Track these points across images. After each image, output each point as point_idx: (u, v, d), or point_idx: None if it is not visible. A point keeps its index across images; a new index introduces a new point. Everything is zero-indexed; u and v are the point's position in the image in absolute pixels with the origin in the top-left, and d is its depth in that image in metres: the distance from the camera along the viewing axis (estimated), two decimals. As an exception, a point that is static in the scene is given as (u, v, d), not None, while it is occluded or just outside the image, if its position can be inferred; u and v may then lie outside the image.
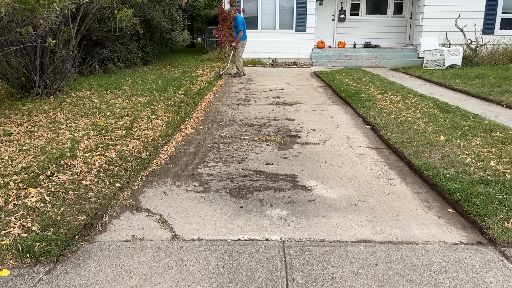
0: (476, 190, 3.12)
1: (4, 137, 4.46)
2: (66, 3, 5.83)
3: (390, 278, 2.22)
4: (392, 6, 14.95)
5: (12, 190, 3.05)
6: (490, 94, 7.17)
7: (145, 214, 3.02)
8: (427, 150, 4.13)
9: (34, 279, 2.22)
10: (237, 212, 3.05)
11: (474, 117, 5.47)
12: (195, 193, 3.42)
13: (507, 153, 3.92)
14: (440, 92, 7.92)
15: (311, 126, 5.65)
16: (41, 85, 6.69)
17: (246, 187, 3.54)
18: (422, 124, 5.14)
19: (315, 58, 13.74)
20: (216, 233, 2.73)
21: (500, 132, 4.63)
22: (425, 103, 6.41)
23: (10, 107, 6.03)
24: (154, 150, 4.39)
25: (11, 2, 4.61)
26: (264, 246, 2.55)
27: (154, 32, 13.28)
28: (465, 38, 11.74)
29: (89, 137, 4.48)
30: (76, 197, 3.08)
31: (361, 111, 6.25)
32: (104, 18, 9.66)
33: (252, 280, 2.20)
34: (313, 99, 7.72)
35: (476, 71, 9.80)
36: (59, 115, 5.56)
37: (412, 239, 2.65)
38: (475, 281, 2.19)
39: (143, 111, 5.92)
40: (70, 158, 3.74)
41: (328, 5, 14.92)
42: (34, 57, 6.52)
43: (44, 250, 2.41)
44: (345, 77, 9.81)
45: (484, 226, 2.71)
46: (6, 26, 5.74)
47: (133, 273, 2.28)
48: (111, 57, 10.52)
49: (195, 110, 6.79)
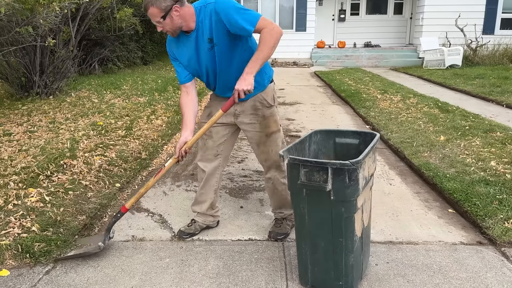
0: (476, 190, 3.12)
1: (3, 137, 4.46)
2: (66, 3, 5.83)
3: (390, 278, 2.22)
4: (392, 6, 14.94)
5: (12, 190, 3.04)
6: (490, 94, 7.17)
7: (145, 214, 3.02)
8: (427, 150, 4.13)
9: (34, 279, 2.21)
10: (237, 212, 3.05)
11: (474, 117, 5.46)
12: (195, 193, 3.41)
13: (507, 153, 3.92)
14: (440, 92, 7.92)
15: (311, 126, 5.65)
16: (41, 85, 6.69)
17: (246, 187, 3.53)
18: (422, 124, 5.14)
19: (315, 58, 13.73)
20: (216, 233, 2.73)
21: (500, 132, 4.63)
22: (425, 103, 6.41)
23: (9, 107, 6.03)
24: (154, 150, 4.39)
25: (10, 2, 4.60)
26: (264, 246, 2.55)
27: (154, 32, 13.26)
28: (465, 38, 11.73)
29: (89, 137, 4.48)
30: (75, 197, 3.08)
31: (361, 111, 6.25)
32: (104, 18, 9.66)
33: (252, 280, 2.20)
34: (313, 99, 7.72)
35: (476, 71, 9.80)
36: (59, 115, 5.56)
37: (412, 239, 2.64)
38: (475, 281, 2.19)
39: (143, 111, 5.92)
40: (70, 158, 3.74)
41: (328, 5, 14.91)
42: (33, 57, 6.52)
43: (44, 250, 2.40)
44: (345, 77, 9.81)
45: (484, 226, 2.70)
46: (6, 26, 5.74)
47: (133, 273, 2.28)
48: (111, 57, 10.52)
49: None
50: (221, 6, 2.13)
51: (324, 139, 2.39)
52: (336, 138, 2.39)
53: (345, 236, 1.94)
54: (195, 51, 2.28)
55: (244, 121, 2.48)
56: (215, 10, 2.14)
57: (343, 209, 1.89)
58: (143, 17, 11.53)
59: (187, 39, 2.27)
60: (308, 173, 1.89)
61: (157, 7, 2.11)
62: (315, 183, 1.89)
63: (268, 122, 2.48)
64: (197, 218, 2.72)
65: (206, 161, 2.60)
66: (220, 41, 2.20)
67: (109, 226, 2.53)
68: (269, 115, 2.48)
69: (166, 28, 2.20)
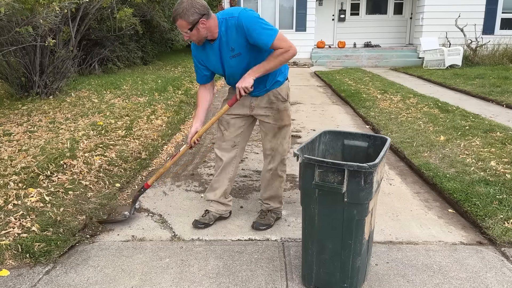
0: (476, 190, 3.12)
1: (3, 137, 4.46)
2: (65, 3, 5.83)
3: (390, 278, 2.22)
4: (392, 6, 14.94)
5: (12, 190, 3.04)
6: (490, 94, 7.17)
7: (145, 214, 3.02)
8: (427, 150, 4.13)
9: (34, 279, 2.21)
10: (237, 212, 3.05)
11: (474, 117, 5.46)
12: (195, 193, 3.42)
13: (507, 153, 3.92)
14: (440, 92, 7.92)
15: (311, 126, 5.65)
16: (41, 85, 6.68)
17: (246, 187, 3.53)
18: (422, 124, 5.14)
19: (315, 58, 13.73)
20: (216, 233, 2.73)
21: (500, 132, 4.63)
22: (425, 103, 6.41)
23: (9, 107, 6.03)
24: (154, 150, 4.39)
25: (10, 2, 4.60)
26: (264, 246, 2.55)
27: (154, 32, 13.27)
28: (465, 38, 11.73)
29: (89, 137, 4.48)
30: (75, 197, 3.08)
31: (361, 111, 6.25)
32: (104, 18, 9.65)
33: (252, 280, 2.20)
34: (313, 99, 7.72)
35: (476, 71, 9.80)
36: (59, 115, 5.55)
37: (412, 239, 2.65)
38: (475, 281, 2.19)
39: (143, 111, 5.92)
40: (69, 158, 3.73)
41: (328, 5, 14.92)
42: (33, 57, 6.51)
43: (44, 250, 2.40)
44: (345, 77, 9.81)
45: (484, 226, 2.70)
46: (6, 26, 5.73)
47: (133, 273, 2.28)
48: (110, 57, 10.51)
49: (195, 110, 6.79)
50: (243, 21, 2.33)
51: (333, 140, 2.38)
52: (345, 139, 2.38)
53: (354, 238, 1.93)
54: (219, 58, 2.51)
55: (259, 113, 2.68)
56: (238, 23, 2.34)
57: (355, 211, 1.88)
58: (143, 17, 11.55)
59: (210, 47, 2.49)
60: (323, 173, 1.88)
61: (185, 20, 2.29)
62: (329, 184, 1.87)
63: (281, 115, 2.67)
64: (210, 208, 2.85)
65: (224, 151, 2.76)
66: (241, 50, 2.42)
67: (134, 199, 2.96)
68: (283, 109, 2.67)
69: (192, 38, 2.41)
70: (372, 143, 2.31)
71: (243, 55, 2.44)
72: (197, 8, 2.29)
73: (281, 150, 2.71)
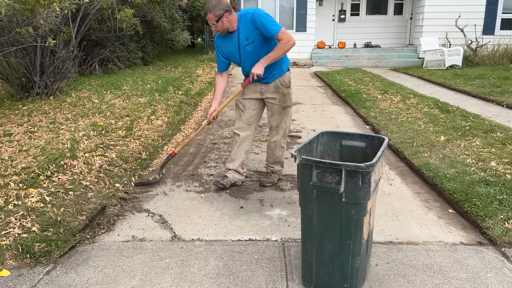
0: (477, 191, 3.12)
1: (4, 137, 4.46)
2: (66, 3, 5.83)
3: (390, 279, 2.22)
4: (392, 6, 14.95)
5: (12, 191, 3.05)
6: (490, 94, 7.17)
7: (145, 215, 3.02)
8: (427, 151, 4.13)
9: (34, 279, 2.21)
10: (237, 212, 3.05)
11: (474, 117, 5.46)
12: (195, 193, 3.42)
13: (508, 153, 3.92)
14: (440, 93, 7.92)
15: (311, 126, 5.65)
16: (41, 85, 6.69)
17: (246, 187, 3.53)
18: (423, 125, 5.14)
19: (315, 58, 13.74)
20: (216, 234, 2.73)
21: (501, 133, 4.63)
22: (425, 104, 6.41)
23: (10, 107, 6.03)
24: (154, 151, 4.39)
25: (11, 2, 4.61)
26: (264, 247, 2.55)
27: (154, 33, 13.27)
28: (465, 38, 11.73)
29: (89, 138, 4.48)
30: (76, 198, 3.08)
31: (361, 111, 6.25)
32: (104, 18, 9.66)
33: (252, 281, 2.20)
34: (313, 99, 7.72)
35: (477, 71, 9.79)
36: (59, 115, 5.56)
37: (413, 239, 2.65)
38: (476, 281, 2.19)
39: (143, 111, 5.92)
40: (70, 159, 3.74)
41: (328, 5, 14.92)
42: (34, 57, 6.52)
43: (44, 250, 2.41)
44: (345, 78, 9.81)
45: (484, 226, 2.70)
46: (6, 27, 5.74)
47: (133, 274, 2.28)
48: (111, 57, 10.52)
49: (195, 110, 6.80)
50: (256, 16, 3.04)
51: (331, 141, 2.38)
52: (343, 140, 2.38)
53: (353, 238, 1.93)
54: (236, 46, 3.18)
55: (268, 96, 3.36)
56: (252, 18, 3.05)
57: (354, 211, 1.89)
58: (143, 18, 11.55)
59: (230, 38, 3.18)
60: (320, 174, 1.88)
61: (213, 14, 3.02)
62: (327, 184, 1.88)
63: (285, 98, 3.37)
64: (228, 174, 3.44)
65: (241, 129, 3.40)
66: (254, 38, 3.10)
67: (163, 164, 3.64)
68: (287, 93, 3.38)
69: (218, 28, 3.10)
70: (370, 143, 2.31)
71: (256, 42, 3.11)
72: (222, 5, 3.00)
73: (284, 125, 3.42)
